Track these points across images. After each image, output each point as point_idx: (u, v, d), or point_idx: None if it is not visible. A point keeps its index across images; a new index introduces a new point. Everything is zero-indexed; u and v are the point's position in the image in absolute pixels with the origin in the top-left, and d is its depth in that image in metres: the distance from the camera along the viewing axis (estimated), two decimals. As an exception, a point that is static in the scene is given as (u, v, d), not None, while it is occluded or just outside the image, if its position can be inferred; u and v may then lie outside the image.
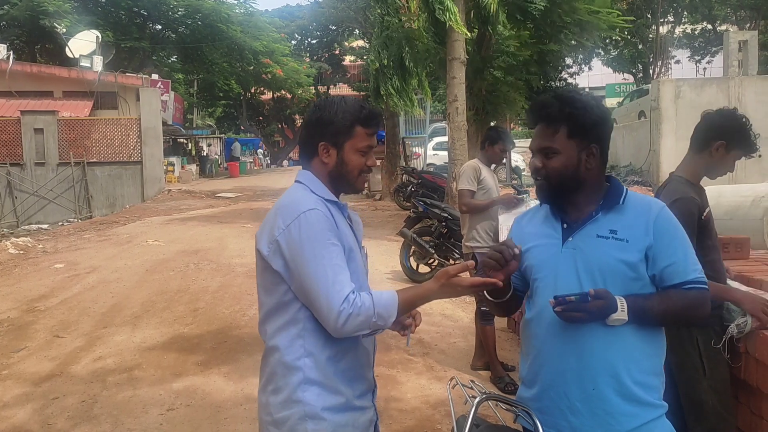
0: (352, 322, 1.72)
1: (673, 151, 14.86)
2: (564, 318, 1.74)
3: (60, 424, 4.23)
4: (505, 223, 4.76)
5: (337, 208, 1.92)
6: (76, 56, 20.71)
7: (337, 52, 43.60)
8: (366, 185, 18.77)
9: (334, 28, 40.21)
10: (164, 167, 21.84)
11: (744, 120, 2.71)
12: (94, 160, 18.88)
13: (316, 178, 1.93)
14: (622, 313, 1.72)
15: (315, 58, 43.30)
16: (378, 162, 18.50)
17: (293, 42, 41.47)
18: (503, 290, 1.91)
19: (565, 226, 1.88)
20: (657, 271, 1.78)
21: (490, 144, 4.98)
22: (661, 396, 1.83)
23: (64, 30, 22.27)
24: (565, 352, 1.80)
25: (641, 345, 1.79)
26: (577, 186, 1.85)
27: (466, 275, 1.80)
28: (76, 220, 17.48)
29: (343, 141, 1.91)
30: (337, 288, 1.73)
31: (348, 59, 43.30)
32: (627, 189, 1.90)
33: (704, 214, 2.64)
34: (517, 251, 1.82)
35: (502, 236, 4.68)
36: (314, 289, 1.75)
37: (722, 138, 2.67)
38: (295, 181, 1.97)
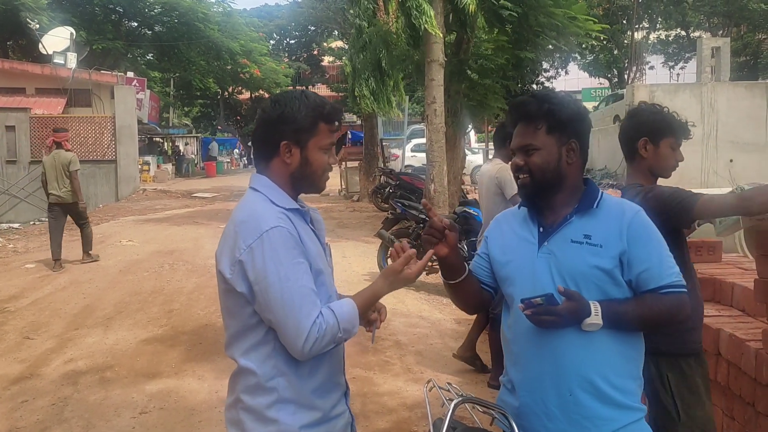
0: (319, 345, 1.68)
1: (647, 155, 15.07)
2: (535, 323, 1.72)
3: (29, 428, 4.14)
4: None
5: (298, 215, 1.82)
6: (50, 53, 20.34)
7: (315, 52, 43.52)
8: (344, 186, 18.79)
9: (312, 28, 40.15)
10: (139, 166, 21.55)
11: (653, 106, 2.57)
12: (68, 158, 18.53)
13: (273, 183, 1.81)
14: (596, 317, 1.71)
15: (293, 58, 43.17)
16: (356, 163, 18.52)
17: (272, 42, 41.33)
18: (457, 270, 1.95)
19: (541, 229, 1.87)
20: (633, 277, 1.78)
21: (504, 142, 4.71)
22: (639, 399, 1.83)
23: (38, 26, 21.87)
24: (542, 358, 1.80)
25: (618, 349, 1.78)
26: (559, 182, 1.85)
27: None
28: (48, 220, 17.16)
29: (307, 139, 1.80)
30: (305, 312, 1.67)
31: (327, 60, 43.24)
32: (602, 192, 1.90)
33: None
34: (445, 222, 1.87)
35: None
36: (281, 313, 1.67)
37: (641, 135, 2.52)
38: (250, 188, 1.84)
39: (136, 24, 29.80)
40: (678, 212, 2.31)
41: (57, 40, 20.68)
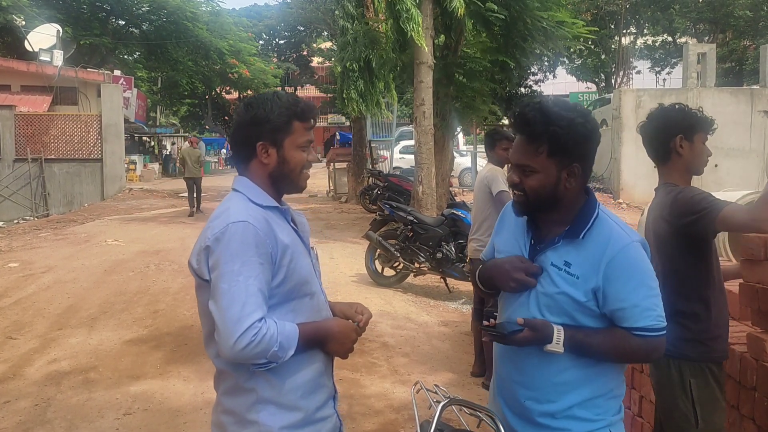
0: (251, 350, 1.64)
1: (633, 159, 15.21)
2: (498, 342, 1.78)
3: (11, 429, 4.09)
4: None
5: (278, 213, 1.84)
6: (36, 50, 20.17)
7: (305, 53, 43.50)
8: (332, 187, 18.75)
9: (302, 29, 40.17)
10: (126, 165, 21.40)
11: (675, 105, 2.51)
12: (52, 156, 18.39)
13: (253, 183, 1.84)
14: (557, 346, 1.71)
15: (282, 58, 43.11)
16: (344, 164, 18.49)
17: (261, 42, 41.25)
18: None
19: (532, 242, 1.85)
20: (607, 311, 1.75)
21: (491, 148, 4.98)
22: (603, 412, 1.79)
23: (23, 23, 21.67)
24: (511, 363, 1.85)
25: (580, 368, 1.76)
26: (554, 203, 1.79)
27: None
28: (32, 218, 16.99)
29: (282, 138, 1.81)
30: (246, 310, 1.64)
31: (316, 60, 43.22)
32: (597, 215, 1.80)
33: None
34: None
35: None
36: (224, 303, 1.65)
37: (676, 133, 2.42)
38: (232, 189, 1.86)
39: (123, 22, 29.57)
40: (703, 220, 2.24)
41: (43, 37, 20.51)
